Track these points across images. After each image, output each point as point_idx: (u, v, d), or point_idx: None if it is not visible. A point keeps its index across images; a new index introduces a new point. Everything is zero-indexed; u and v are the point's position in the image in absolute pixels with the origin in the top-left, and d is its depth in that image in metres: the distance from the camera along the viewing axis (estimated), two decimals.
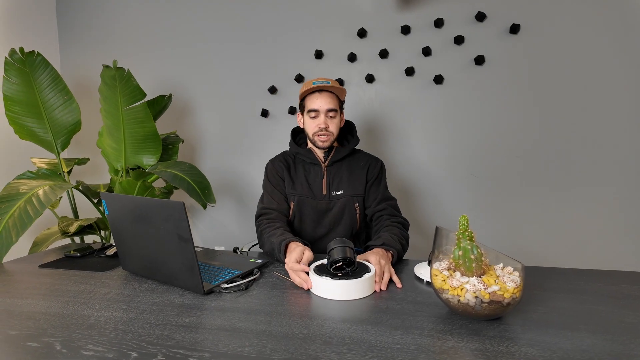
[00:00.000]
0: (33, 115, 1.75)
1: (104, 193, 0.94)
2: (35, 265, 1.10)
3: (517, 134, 1.88)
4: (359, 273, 0.85)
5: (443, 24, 1.91)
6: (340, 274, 0.85)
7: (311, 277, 0.86)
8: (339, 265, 0.86)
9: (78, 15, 2.43)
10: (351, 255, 0.86)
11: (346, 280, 0.82)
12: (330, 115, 1.25)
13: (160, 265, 0.89)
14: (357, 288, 0.82)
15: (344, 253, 0.85)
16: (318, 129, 1.25)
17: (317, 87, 1.24)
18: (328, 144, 1.26)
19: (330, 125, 1.25)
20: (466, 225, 0.72)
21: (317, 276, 0.84)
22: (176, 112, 2.32)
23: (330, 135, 1.26)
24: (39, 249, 1.58)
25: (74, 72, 2.44)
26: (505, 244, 1.93)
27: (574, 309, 0.73)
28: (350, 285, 0.81)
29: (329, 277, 0.83)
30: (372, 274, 0.85)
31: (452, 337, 0.64)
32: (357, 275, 0.84)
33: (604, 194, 1.81)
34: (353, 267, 0.86)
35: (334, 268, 0.86)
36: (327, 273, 0.86)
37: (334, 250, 0.86)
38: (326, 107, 1.24)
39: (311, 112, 1.26)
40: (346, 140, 1.40)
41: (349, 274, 0.85)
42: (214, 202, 1.70)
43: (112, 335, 0.67)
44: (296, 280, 0.89)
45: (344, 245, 0.87)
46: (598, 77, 1.76)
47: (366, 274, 0.85)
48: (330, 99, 1.25)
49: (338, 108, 1.27)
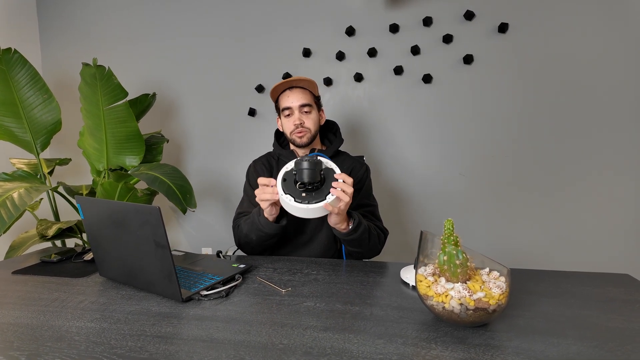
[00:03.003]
0: (10, 115, 1.69)
1: (79, 197, 0.91)
2: (9, 271, 1.06)
3: (506, 133, 1.87)
4: (320, 192, 0.95)
5: (432, 23, 1.90)
6: (305, 194, 0.95)
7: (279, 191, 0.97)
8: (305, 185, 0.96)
9: (59, 11, 2.36)
10: (316, 181, 0.95)
11: (306, 205, 0.93)
12: (305, 110, 1.22)
13: (137, 271, 0.86)
14: (315, 211, 0.94)
15: (311, 178, 0.93)
16: (294, 127, 1.22)
17: (285, 82, 1.21)
18: (306, 140, 1.23)
19: (305, 120, 1.22)
20: (451, 230, 0.70)
21: (283, 193, 0.96)
22: (161, 111, 2.27)
23: (307, 131, 1.22)
24: (15, 253, 1.53)
25: (56, 70, 2.38)
26: (496, 244, 1.93)
27: (560, 313, 0.72)
28: (309, 210, 0.94)
29: (291, 198, 0.95)
30: (328, 201, 0.93)
31: (437, 345, 0.62)
32: (318, 198, 0.94)
33: (595, 195, 1.81)
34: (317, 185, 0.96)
35: (299, 184, 0.96)
36: (292, 188, 0.97)
37: (304, 172, 0.93)
38: (298, 102, 1.21)
39: (285, 110, 1.23)
40: (329, 140, 1.36)
41: (312, 193, 0.95)
42: (195, 207, 1.67)
43: (82, 347, 0.64)
44: (266, 195, 0.98)
45: (313, 168, 0.93)
46: (588, 75, 1.76)
47: (322, 201, 0.93)
48: (301, 95, 1.22)
49: (312, 103, 1.24)
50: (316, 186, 0.95)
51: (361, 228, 1.05)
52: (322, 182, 0.96)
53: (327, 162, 1.00)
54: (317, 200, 0.93)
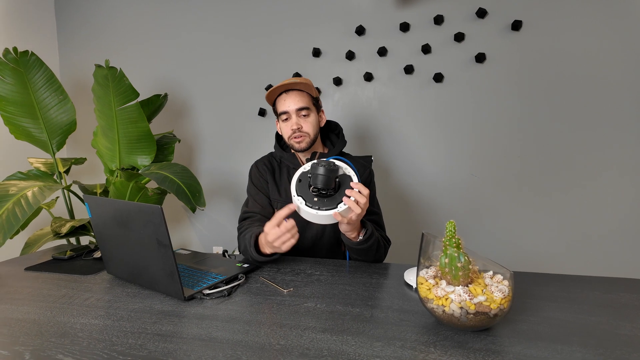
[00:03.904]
0: (28, 115, 1.74)
1: (86, 196, 0.93)
2: (22, 267, 1.09)
3: (518, 133, 1.83)
4: (333, 200, 0.92)
5: (443, 21, 1.87)
6: (317, 199, 0.93)
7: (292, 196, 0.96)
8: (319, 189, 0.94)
9: (76, 14, 2.42)
10: (330, 188, 0.92)
11: (316, 210, 0.91)
12: (302, 114, 1.17)
13: (142, 270, 0.87)
14: (324, 218, 0.93)
15: (325, 185, 0.91)
16: (291, 132, 1.17)
17: (280, 86, 1.17)
18: (305, 145, 1.18)
19: (303, 125, 1.17)
20: (453, 232, 0.69)
21: (296, 194, 0.95)
22: (173, 112, 2.30)
23: (306, 135, 1.17)
24: (30, 250, 1.58)
25: (73, 72, 2.44)
26: (508, 246, 1.89)
27: (567, 319, 0.70)
28: (318, 216, 0.92)
29: (303, 201, 0.93)
30: (339, 210, 0.91)
31: (436, 349, 0.61)
32: (329, 205, 0.91)
33: (611, 196, 1.75)
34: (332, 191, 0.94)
35: (312, 188, 0.94)
36: (306, 191, 0.95)
37: (319, 177, 0.90)
38: (295, 106, 1.16)
39: (282, 115, 1.19)
40: (331, 142, 1.31)
41: (324, 199, 0.93)
42: (204, 206, 1.68)
43: (84, 344, 0.65)
44: (287, 245, 0.92)
45: (327, 175, 0.90)
46: (603, 75, 1.71)
47: (333, 209, 0.91)
48: (298, 97, 1.17)
49: (310, 105, 1.19)
50: (330, 193, 0.93)
51: (372, 240, 1.02)
52: (337, 189, 0.94)
53: (347, 168, 0.97)
54: (327, 208, 0.91)
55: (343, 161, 0.98)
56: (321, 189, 0.92)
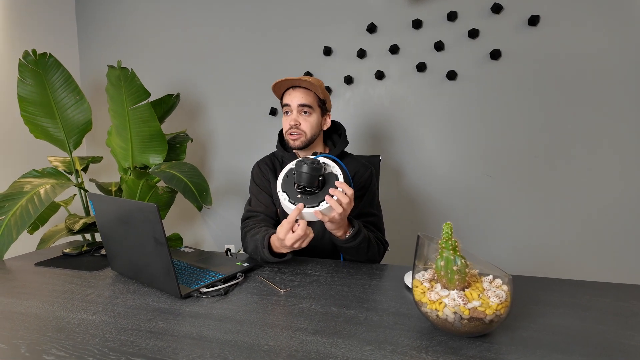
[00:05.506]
0: (46, 115, 1.80)
1: (90, 194, 0.94)
2: (33, 262, 1.12)
3: (535, 132, 1.77)
4: (315, 197, 0.92)
5: (456, 17, 1.82)
6: (300, 196, 0.93)
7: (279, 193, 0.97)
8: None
9: (95, 16, 2.49)
10: (313, 186, 0.92)
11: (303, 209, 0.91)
12: (304, 111, 1.15)
13: (142, 267, 0.88)
14: (305, 215, 0.92)
15: (308, 183, 0.91)
16: (289, 126, 1.15)
17: (288, 80, 1.15)
18: (299, 144, 1.16)
19: (302, 122, 1.14)
20: (450, 234, 0.66)
21: (281, 190, 0.96)
22: (186, 111, 2.33)
23: (302, 134, 1.15)
24: (45, 245, 1.63)
25: (92, 72, 2.51)
26: (523, 249, 1.83)
27: (570, 327, 0.66)
28: (302, 214, 0.92)
29: (287, 196, 0.94)
30: (320, 208, 0.90)
31: (427, 355, 0.59)
32: (312, 202, 0.91)
33: (631, 201, 1.67)
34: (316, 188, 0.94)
35: (296, 185, 0.94)
36: (290, 187, 0.96)
37: (302, 175, 0.91)
38: (298, 102, 1.14)
39: (284, 107, 1.18)
40: (332, 142, 1.29)
41: (307, 196, 0.93)
42: (210, 204, 1.69)
43: (78, 339, 0.66)
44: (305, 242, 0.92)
45: (310, 173, 0.90)
46: (625, 73, 1.63)
47: (314, 207, 0.90)
48: (303, 95, 1.15)
49: (314, 105, 1.16)
50: (314, 191, 0.93)
51: (360, 237, 1.00)
52: (321, 186, 0.94)
53: (334, 167, 0.96)
54: (309, 205, 0.91)
55: (334, 160, 0.98)
56: (305, 187, 0.92)
